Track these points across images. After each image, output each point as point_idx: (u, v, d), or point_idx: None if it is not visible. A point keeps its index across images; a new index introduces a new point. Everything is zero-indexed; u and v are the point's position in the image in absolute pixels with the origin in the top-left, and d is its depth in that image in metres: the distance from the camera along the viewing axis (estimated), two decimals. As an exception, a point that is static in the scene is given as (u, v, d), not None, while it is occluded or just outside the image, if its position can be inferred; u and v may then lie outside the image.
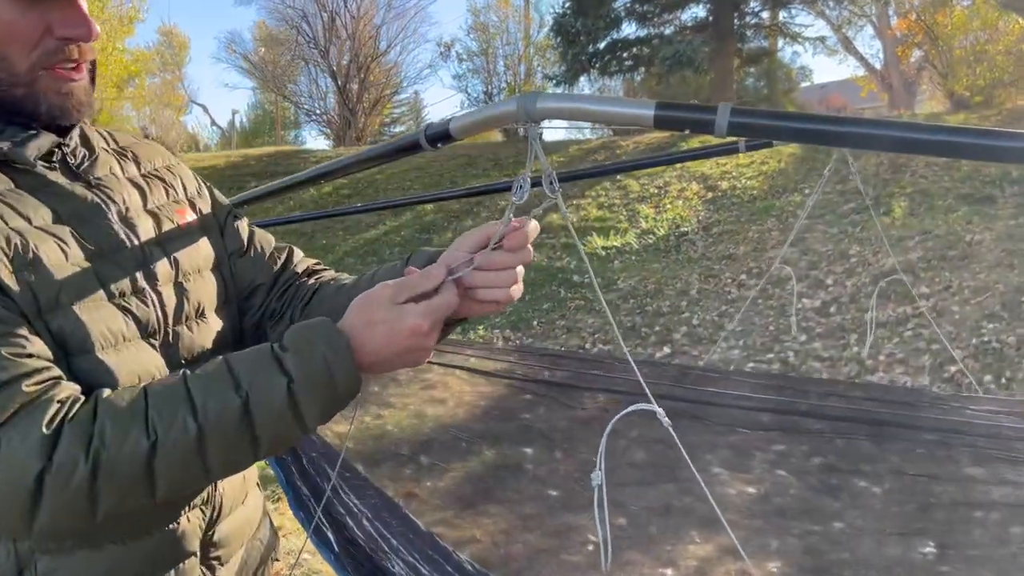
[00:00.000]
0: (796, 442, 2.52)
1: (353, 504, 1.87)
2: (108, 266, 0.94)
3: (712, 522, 2.70)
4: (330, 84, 24.43)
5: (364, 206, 3.73)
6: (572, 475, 2.78)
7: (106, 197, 0.98)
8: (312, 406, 0.83)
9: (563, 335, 7.07)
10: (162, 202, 1.07)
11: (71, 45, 0.91)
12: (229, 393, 0.80)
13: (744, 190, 9.61)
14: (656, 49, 16.12)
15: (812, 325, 6.05)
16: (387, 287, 0.88)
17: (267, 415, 0.81)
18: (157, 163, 1.12)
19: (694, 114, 0.67)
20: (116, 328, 0.91)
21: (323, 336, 0.85)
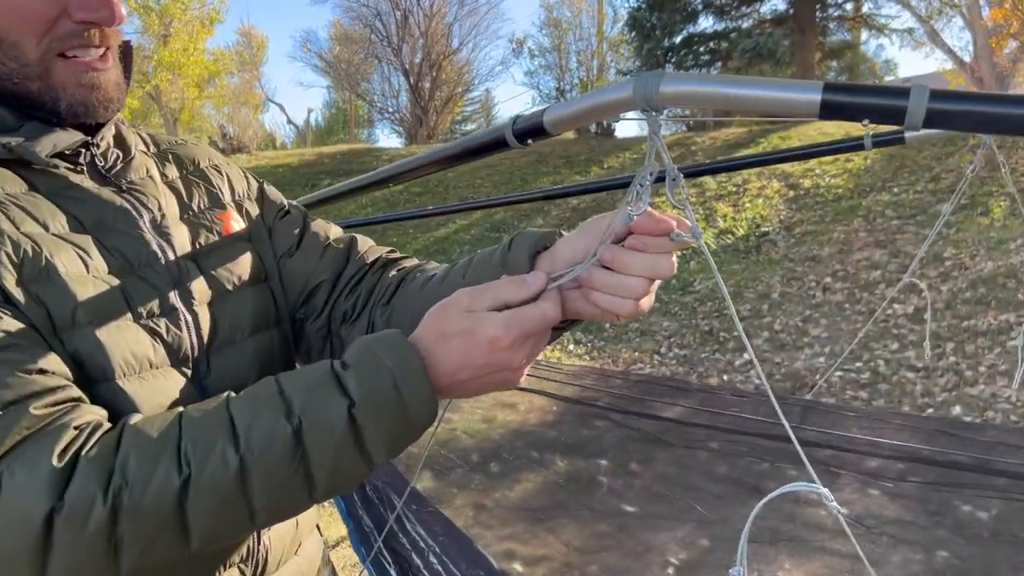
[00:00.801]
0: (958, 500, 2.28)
1: (419, 537, 1.73)
2: (136, 282, 0.82)
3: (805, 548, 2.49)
4: (402, 82, 24.58)
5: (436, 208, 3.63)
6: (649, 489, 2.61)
7: (138, 203, 0.87)
8: (378, 435, 0.69)
9: (636, 338, 6.85)
10: (204, 207, 0.95)
11: (92, 29, 0.79)
12: (278, 419, 0.67)
13: (828, 188, 9.20)
14: (734, 43, 15.68)
15: (905, 333, 5.69)
16: (467, 293, 0.73)
17: (324, 446, 0.67)
18: (202, 163, 1.00)
19: (876, 98, 0.49)
20: (142, 353, 0.79)
21: (391, 351, 0.70)
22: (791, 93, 0.52)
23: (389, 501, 1.83)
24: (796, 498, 2.57)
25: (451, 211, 2.43)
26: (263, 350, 0.94)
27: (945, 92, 0.49)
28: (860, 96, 0.51)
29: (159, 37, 25.35)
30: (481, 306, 0.72)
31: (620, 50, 23.22)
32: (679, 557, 2.69)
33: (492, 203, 2.02)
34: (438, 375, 0.71)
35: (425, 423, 0.72)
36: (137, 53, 10.27)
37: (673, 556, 2.69)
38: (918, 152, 9.08)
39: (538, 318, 0.71)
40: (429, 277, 0.95)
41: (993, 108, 0.47)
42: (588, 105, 0.60)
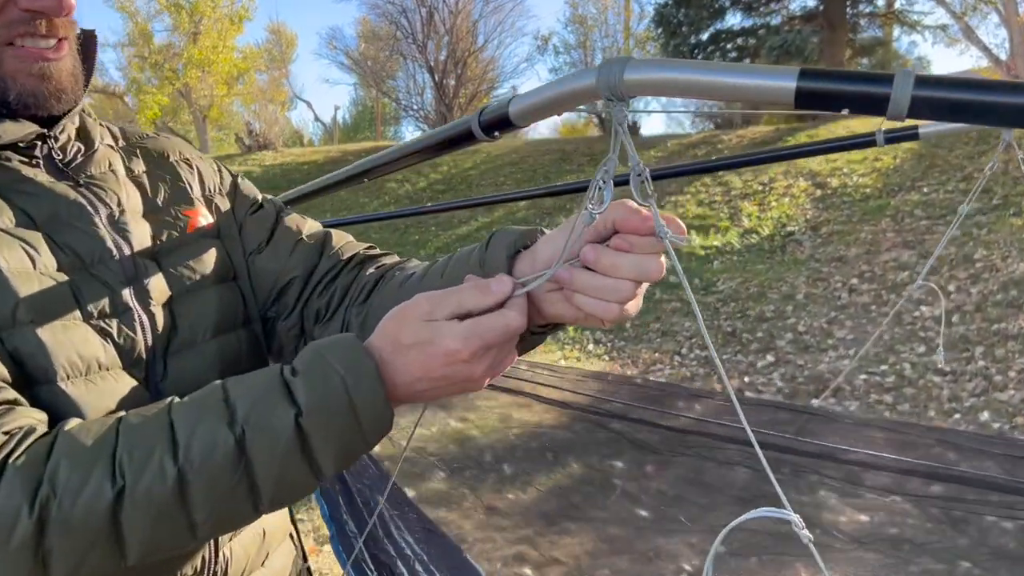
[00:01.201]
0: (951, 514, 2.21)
1: (405, 543, 1.68)
2: (88, 279, 0.78)
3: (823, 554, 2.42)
4: (427, 79, 24.59)
5: (436, 206, 3.58)
6: (665, 493, 2.55)
7: (95, 198, 0.83)
8: (327, 445, 0.65)
9: (657, 339, 6.76)
10: (170, 202, 0.91)
11: (40, 19, 0.76)
12: (221, 427, 0.63)
13: (856, 188, 9.04)
14: (762, 39, 15.50)
15: (932, 335, 5.56)
16: (427, 299, 0.69)
17: (269, 455, 0.63)
18: (172, 157, 0.97)
19: (856, 85, 0.44)
20: (89, 354, 0.76)
21: (344, 357, 0.66)
22: (764, 80, 0.47)
23: (375, 503, 1.79)
24: (816, 503, 2.50)
25: (433, 211, 2.38)
26: (227, 352, 0.90)
27: (933, 78, 0.43)
28: (838, 83, 0.45)
29: (189, 35, 25.61)
30: (441, 314, 0.67)
31: (647, 47, 23.06)
32: (692, 563, 2.63)
33: (487, 200, 1.98)
34: (394, 384, 0.68)
35: (379, 433, 0.68)
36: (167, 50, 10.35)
37: (686, 562, 2.63)
38: (949, 151, 8.90)
39: (500, 328, 0.67)
40: (408, 276, 0.91)
41: (986, 96, 0.42)
42: (552, 95, 0.55)
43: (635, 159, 0.52)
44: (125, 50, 26.79)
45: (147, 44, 26.00)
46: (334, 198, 13.32)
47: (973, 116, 0.43)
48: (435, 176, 13.86)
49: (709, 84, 0.48)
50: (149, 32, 25.94)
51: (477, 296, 0.68)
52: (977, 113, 0.43)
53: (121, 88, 28.49)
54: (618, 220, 0.67)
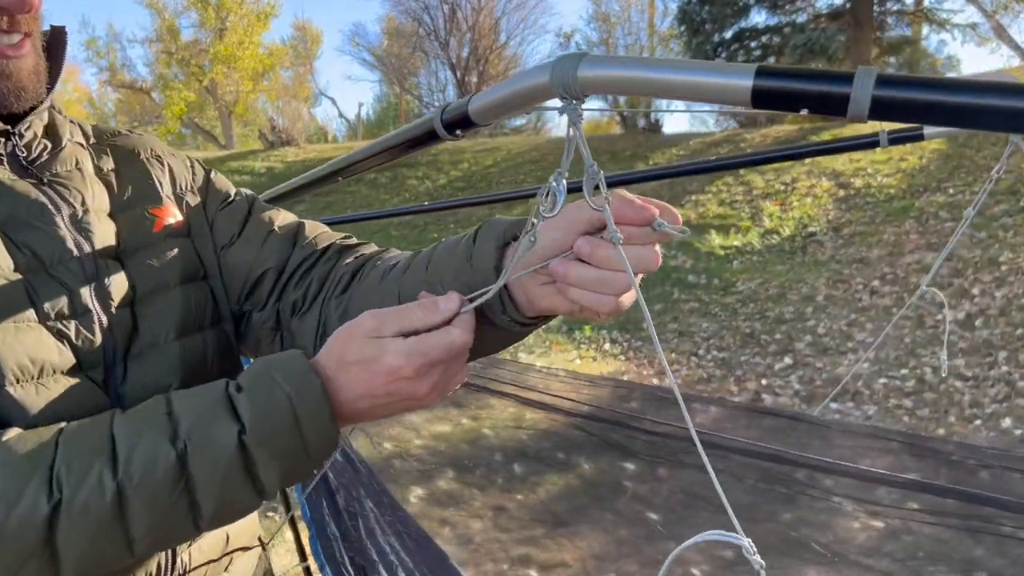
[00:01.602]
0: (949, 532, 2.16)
1: (389, 548, 1.65)
2: (46, 280, 0.77)
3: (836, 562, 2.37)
4: (449, 76, 24.62)
5: (414, 207, 3.52)
6: (676, 496, 2.52)
7: (58, 197, 0.82)
8: (270, 463, 0.64)
9: (674, 339, 6.71)
10: (137, 200, 0.89)
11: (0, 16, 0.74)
12: (162, 442, 0.62)
13: (880, 188, 8.91)
14: (787, 38, 15.32)
15: (955, 340, 5.46)
16: (372, 317, 0.68)
17: (210, 473, 0.62)
18: (142, 155, 0.95)
19: (815, 84, 0.41)
20: (41, 357, 0.74)
21: (290, 373, 0.66)
22: (720, 78, 0.44)
23: (359, 506, 1.76)
24: (830, 509, 2.46)
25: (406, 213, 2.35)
26: (192, 353, 0.88)
27: (896, 77, 0.40)
28: (796, 81, 0.42)
29: (216, 31, 25.83)
30: (387, 331, 0.67)
31: (670, 45, 22.93)
32: (701, 568, 2.59)
33: (460, 203, 1.96)
34: (338, 401, 0.67)
35: (324, 451, 0.67)
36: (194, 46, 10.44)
37: (695, 567, 2.59)
38: (976, 151, 8.75)
39: (444, 346, 0.66)
40: (391, 267, 0.89)
41: (953, 97, 0.39)
42: (508, 92, 0.52)
43: (589, 161, 0.50)
44: (152, 46, 27.08)
45: (174, 40, 26.26)
46: (355, 195, 13.36)
47: (939, 118, 0.40)
48: (456, 173, 13.86)
49: (665, 82, 0.45)
50: (176, 28, 26.20)
51: (423, 315, 0.67)
52: (943, 115, 0.39)
53: (148, 84, 28.79)
54: (612, 211, 0.63)
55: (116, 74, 28.72)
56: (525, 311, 0.74)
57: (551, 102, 0.53)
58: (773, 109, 0.44)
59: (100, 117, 32.22)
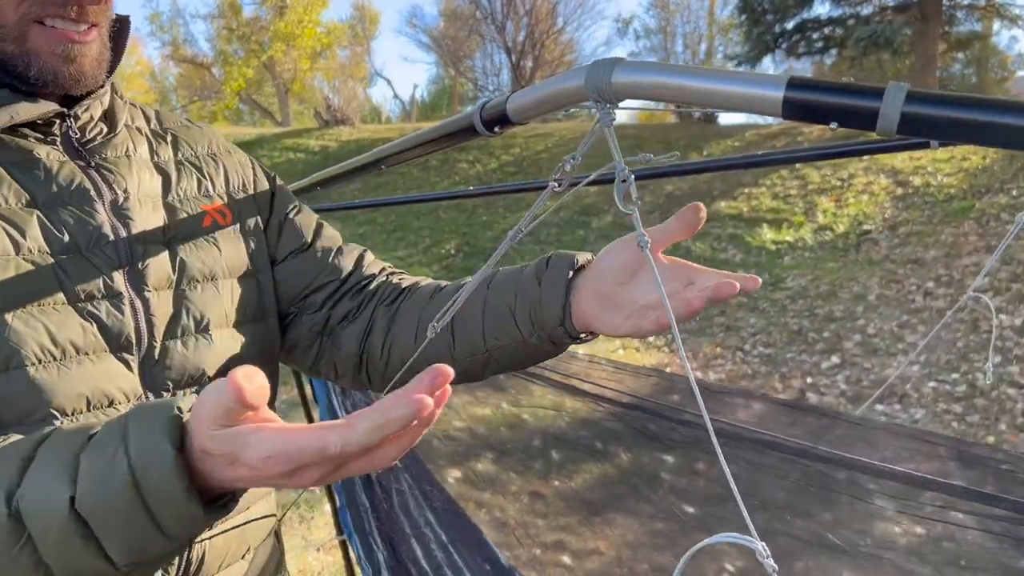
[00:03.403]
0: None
1: (423, 521, 1.68)
2: (79, 262, 0.78)
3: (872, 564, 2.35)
4: (504, 60, 24.58)
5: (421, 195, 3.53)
6: (714, 491, 2.51)
7: (102, 181, 0.84)
8: (111, 538, 0.56)
9: (721, 333, 6.65)
10: (190, 194, 0.92)
11: (71, 5, 0.77)
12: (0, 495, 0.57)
13: (939, 188, 8.68)
14: (851, 30, 14.95)
15: (1010, 346, 5.32)
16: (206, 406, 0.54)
17: (44, 536, 0.56)
18: (200, 149, 0.97)
19: (845, 98, 0.41)
20: (64, 338, 0.75)
21: (144, 437, 0.56)
22: (752, 88, 0.45)
23: (393, 479, 1.79)
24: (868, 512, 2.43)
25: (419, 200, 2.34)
26: (232, 345, 0.91)
27: (927, 94, 0.41)
28: (826, 95, 0.43)
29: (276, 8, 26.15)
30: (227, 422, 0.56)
31: (729, 34, 22.57)
32: (735, 564, 2.59)
33: (465, 194, 1.97)
34: (204, 475, 0.57)
35: (183, 528, 0.57)
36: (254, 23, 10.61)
37: (729, 562, 2.59)
38: (1043, 153, 8.46)
39: (313, 450, 0.53)
40: (440, 287, 0.95)
41: (984, 116, 0.39)
42: (544, 93, 0.54)
43: (620, 165, 0.51)
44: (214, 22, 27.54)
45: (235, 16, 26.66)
46: (406, 176, 13.45)
47: (969, 136, 0.41)
48: (506, 158, 13.86)
49: (696, 90, 0.46)
50: (238, 5, 26.58)
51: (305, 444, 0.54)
52: (973, 133, 0.40)
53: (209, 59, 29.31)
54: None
55: (178, 49, 29.30)
56: (578, 328, 0.82)
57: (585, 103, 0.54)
58: (803, 120, 0.44)
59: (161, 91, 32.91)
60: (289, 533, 3.64)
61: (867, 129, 0.42)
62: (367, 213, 12.01)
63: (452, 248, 10.09)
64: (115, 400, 0.79)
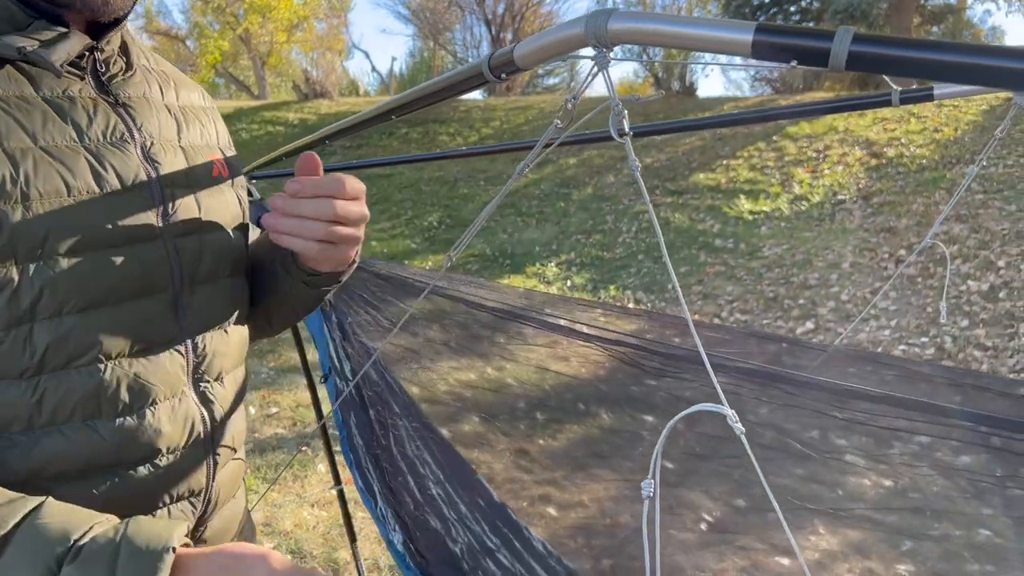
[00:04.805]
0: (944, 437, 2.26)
1: (421, 461, 1.78)
2: (124, 205, 0.79)
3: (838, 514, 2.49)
4: (484, 32, 24.47)
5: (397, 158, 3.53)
6: (692, 448, 2.64)
7: (132, 122, 0.83)
8: None
9: (699, 301, 6.80)
10: (195, 142, 0.92)
11: None
12: None
13: (912, 159, 8.86)
14: (827, 2, 15.05)
15: (976, 310, 5.51)
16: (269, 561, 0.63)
17: None
18: (195, 99, 0.98)
19: (803, 40, 0.52)
20: (112, 281, 0.77)
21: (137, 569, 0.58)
22: (727, 32, 0.55)
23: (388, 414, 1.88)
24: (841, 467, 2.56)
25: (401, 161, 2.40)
26: (241, 293, 0.97)
27: (869, 36, 0.51)
28: (787, 37, 0.53)
29: (250, -21, 25.74)
30: None
31: (708, 6, 22.57)
32: (713, 515, 2.73)
33: (445, 155, 2.06)
34: None
35: None
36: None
37: (707, 513, 2.73)
38: (1014, 125, 8.64)
39: None
40: None
41: (916, 53, 0.49)
42: (546, 41, 0.63)
43: (614, 97, 0.60)
44: (188, -7, 27.09)
45: (209, -12, 26.23)
46: (386, 149, 13.45)
47: (905, 71, 0.51)
48: (487, 131, 13.89)
49: (679, 34, 0.56)
50: (211, -24, 26.16)
51: None
52: (908, 68, 0.50)
53: (183, 32, 28.87)
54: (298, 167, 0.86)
55: (151, 20, 28.82)
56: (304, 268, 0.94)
57: (583, 51, 0.64)
58: (768, 60, 0.55)
59: (136, 64, 32.24)
60: (284, 491, 3.74)
61: (820, 66, 0.53)
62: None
63: (435, 220, 10.15)
64: (153, 345, 0.82)
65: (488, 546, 1.41)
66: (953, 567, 2.15)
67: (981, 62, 0.45)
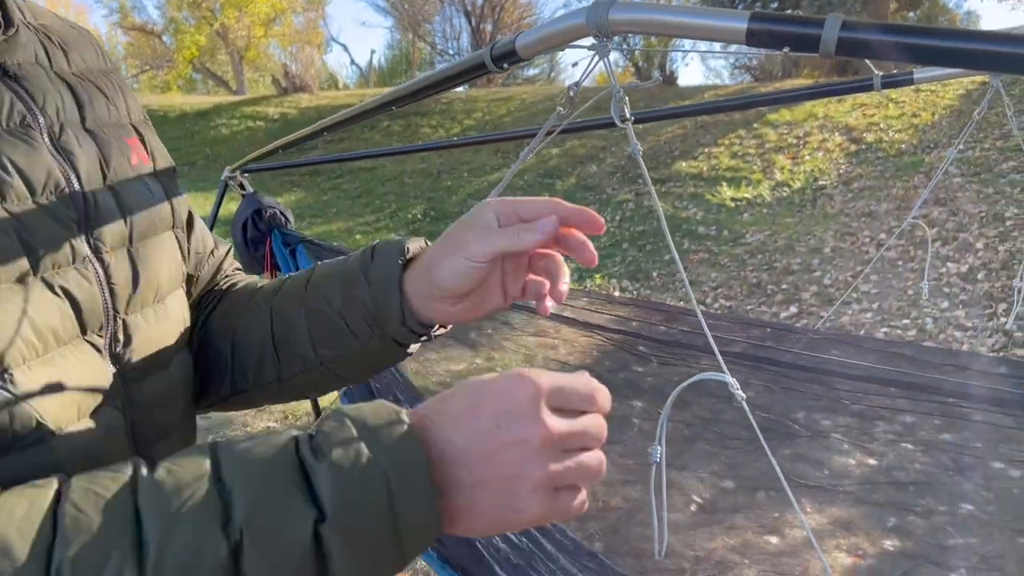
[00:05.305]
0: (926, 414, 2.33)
1: None
2: (38, 217, 0.57)
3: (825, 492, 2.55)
4: (464, 23, 24.39)
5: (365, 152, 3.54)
6: (681, 432, 2.69)
7: (30, 100, 0.61)
8: (350, 567, 0.45)
9: (682, 288, 6.86)
10: (102, 121, 0.68)
11: None
12: (212, 529, 0.43)
13: (891, 143, 8.96)
14: (805, -11, 15.16)
15: (956, 291, 5.60)
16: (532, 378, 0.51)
17: (273, 572, 0.43)
18: (90, 60, 0.72)
19: (795, 28, 0.55)
20: (44, 323, 0.55)
21: (392, 448, 0.48)
22: (722, 22, 0.59)
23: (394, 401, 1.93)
24: (827, 446, 2.63)
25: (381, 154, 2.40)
26: (184, 313, 0.74)
27: (856, 23, 0.55)
28: (781, 25, 0.57)
29: (226, -27, 25.56)
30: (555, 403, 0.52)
31: (687, -5, 22.63)
32: (703, 496, 2.79)
33: (426, 147, 2.10)
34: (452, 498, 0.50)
35: (418, 552, 0.50)
36: (204, -11, 10.04)
37: (696, 495, 2.79)
38: (990, 108, 8.76)
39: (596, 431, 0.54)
40: (258, 288, 0.81)
41: (900, 38, 0.53)
42: (549, 31, 0.66)
43: (615, 84, 0.64)
44: (164, -12, 26.84)
45: (185, -18, 26.02)
46: (368, 142, 13.42)
47: (891, 55, 0.55)
48: (469, 123, 13.89)
49: (678, 23, 0.60)
50: (187, -30, 25.94)
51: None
52: (893, 51, 0.54)
53: (159, 27, 28.62)
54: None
55: (126, 16, 28.56)
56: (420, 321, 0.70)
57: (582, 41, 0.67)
58: (762, 47, 0.58)
59: (111, 60, 31.92)
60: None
61: (812, 52, 0.56)
62: (332, 179, 12.00)
63: (419, 213, 10.15)
64: (100, 403, 0.60)
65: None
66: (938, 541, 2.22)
67: (962, 46, 0.49)
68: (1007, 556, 2.14)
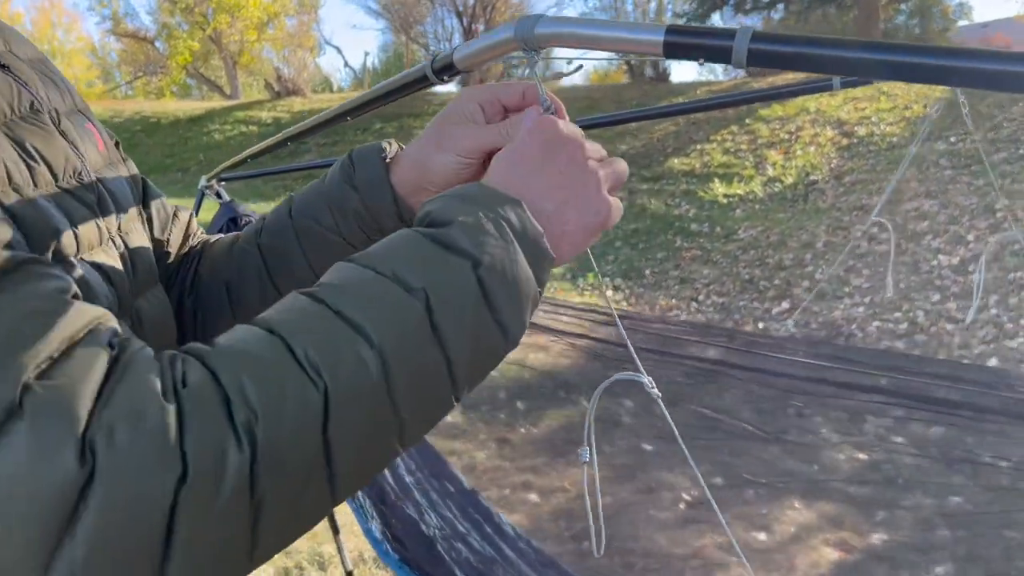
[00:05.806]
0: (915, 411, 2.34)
1: None
2: (69, 202, 0.59)
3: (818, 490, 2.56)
4: (456, 24, 24.40)
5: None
6: (669, 431, 2.71)
7: (24, 85, 0.62)
8: (511, 301, 0.52)
9: (676, 286, 6.87)
10: (64, 108, 0.68)
11: None
12: (400, 297, 0.49)
13: (883, 137, 8.97)
14: (795, -16, 15.18)
15: (948, 284, 5.61)
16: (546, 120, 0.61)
17: (460, 320, 0.50)
18: (29, 51, 0.70)
19: (708, 40, 0.56)
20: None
21: (481, 197, 0.55)
22: (642, 35, 0.59)
23: None
24: (816, 442, 2.64)
25: None
26: (166, 299, 0.75)
27: (767, 34, 0.55)
28: (695, 38, 0.57)
29: (218, -22, 25.56)
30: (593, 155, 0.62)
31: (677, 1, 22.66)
32: (691, 494, 2.80)
33: None
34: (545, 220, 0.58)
35: (545, 280, 0.57)
36: (197, -6, 10.03)
37: (685, 492, 2.79)
38: (980, 100, 8.77)
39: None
40: (234, 239, 0.82)
41: (810, 50, 0.53)
42: (482, 45, 0.67)
43: (543, 97, 0.64)
44: (155, -6, 26.84)
45: (176, -12, 26.01)
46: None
47: (801, 66, 0.55)
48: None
49: (599, 37, 0.60)
50: (178, -25, 25.94)
51: None
52: (804, 64, 0.54)
53: (151, 33, 28.63)
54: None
55: (119, 23, 28.56)
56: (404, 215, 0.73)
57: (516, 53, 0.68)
58: (679, 58, 0.59)
59: (103, 67, 32.03)
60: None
61: (725, 62, 0.56)
62: (302, 181, 11.99)
63: (411, 215, 10.17)
64: None
65: (460, 531, 1.46)
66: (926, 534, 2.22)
67: (866, 56, 0.49)
68: (994, 549, 2.15)
